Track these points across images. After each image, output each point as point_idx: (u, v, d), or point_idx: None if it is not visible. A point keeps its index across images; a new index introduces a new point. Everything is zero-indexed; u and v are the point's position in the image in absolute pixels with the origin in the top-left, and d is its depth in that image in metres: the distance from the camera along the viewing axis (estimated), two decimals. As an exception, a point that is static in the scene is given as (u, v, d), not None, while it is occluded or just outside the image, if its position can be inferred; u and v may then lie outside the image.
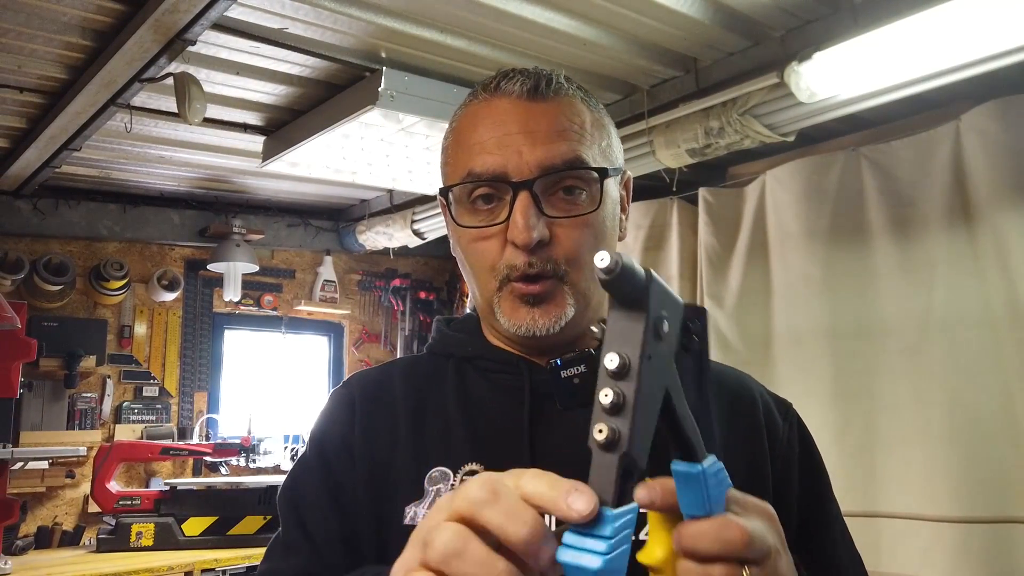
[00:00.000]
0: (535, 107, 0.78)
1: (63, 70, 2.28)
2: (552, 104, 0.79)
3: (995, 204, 2.19)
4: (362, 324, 4.50)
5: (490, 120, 0.79)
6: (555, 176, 0.76)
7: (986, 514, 2.14)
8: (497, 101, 0.80)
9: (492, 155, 0.77)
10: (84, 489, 3.44)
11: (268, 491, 3.20)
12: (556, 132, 0.77)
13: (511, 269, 0.77)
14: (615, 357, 0.45)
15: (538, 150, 0.76)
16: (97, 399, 3.57)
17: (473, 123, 0.80)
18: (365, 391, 0.86)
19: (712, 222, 2.93)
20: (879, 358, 2.44)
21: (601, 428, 0.44)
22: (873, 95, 2.11)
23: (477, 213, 0.79)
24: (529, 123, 0.77)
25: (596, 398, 0.45)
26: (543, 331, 0.77)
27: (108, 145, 2.98)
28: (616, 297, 0.47)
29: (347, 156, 2.80)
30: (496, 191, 0.77)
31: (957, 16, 1.79)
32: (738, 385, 0.88)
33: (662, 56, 2.38)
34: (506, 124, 0.78)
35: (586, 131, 0.79)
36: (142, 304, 3.78)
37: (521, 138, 0.76)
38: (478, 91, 0.82)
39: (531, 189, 0.75)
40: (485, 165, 0.77)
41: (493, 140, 0.77)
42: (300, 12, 2.04)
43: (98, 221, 3.63)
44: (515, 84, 0.79)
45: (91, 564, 2.83)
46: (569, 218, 0.77)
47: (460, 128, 0.83)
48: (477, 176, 0.77)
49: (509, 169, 0.76)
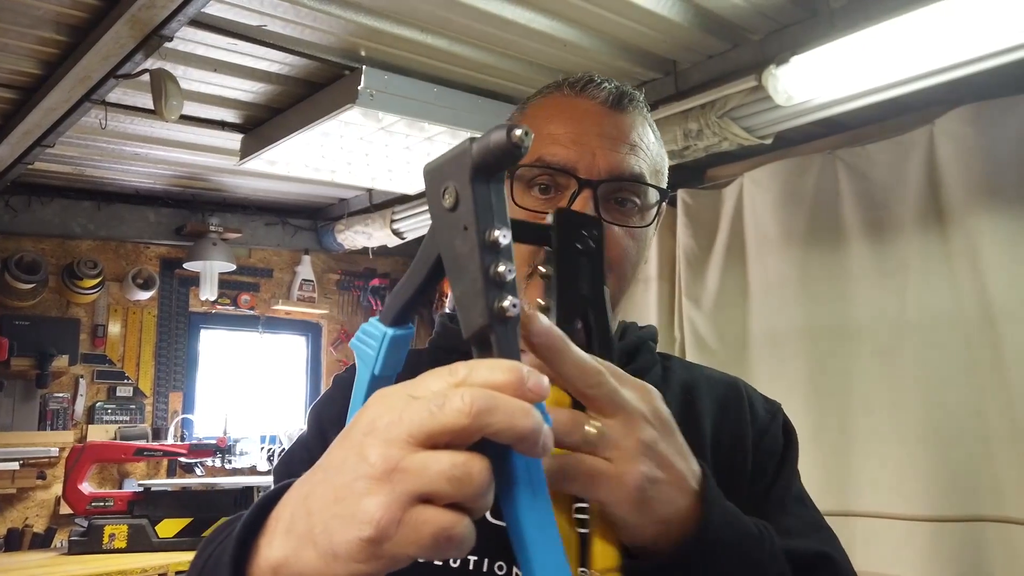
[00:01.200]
0: (615, 116, 0.81)
1: (37, 65, 2.24)
2: (629, 117, 0.82)
3: (967, 207, 2.22)
4: (341, 324, 4.47)
5: (569, 116, 0.81)
6: (619, 184, 0.79)
7: (957, 513, 2.17)
8: (580, 101, 0.82)
9: (566, 148, 0.79)
10: (56, 490, 3.39)
11: (244, 492, 3.17)
12: (629, 145, 0.80)
13: None
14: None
15: (611, 156, 0.78)
16: (70, 399, 3.52)
17: (550, 114, 0.82)
18: None
19: (690, 223, 2.95)
20: (854, 358, 2.47)
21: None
22: (849, 99, 2.14)
23: (534, 199, 0.80)
24: (608, 129, 0.80)
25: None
26: None
27: (82, 142, 2.94)
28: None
29: (326, 155, 2.79)
30: (560, 183, 0.79)
31: (932, 22, 1.81)
32: (727, 388, 0.89)
33: (642, 58, 2.39)
34: (585, 124, 0.80)
35: (652, 151, 0.83)
36: (116, 303, 3.73)
37: (597, 141, 0.79)
38: (562, 86, 0.84)
39: (596, 189, 0.77)
40: (557, 156, 0.79)
41: (569, 136, 0.80)
42: (279, 9, 2.03)
43: (72, 219, 3.58)
44: (601, 91, 0.82)
45: (63, 566, 2.79)
46: (622, 227, 0.80)
47: (535, 116, 0.84)
48: (547, 163, 0.79)
49: (580, 165, 0.78)
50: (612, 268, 0.79)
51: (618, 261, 0.80)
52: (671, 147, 2.47)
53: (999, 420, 2.12)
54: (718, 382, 0.90)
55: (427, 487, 0.41)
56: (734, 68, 2.29)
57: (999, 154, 2.18)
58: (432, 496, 0.41)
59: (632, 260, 0.82)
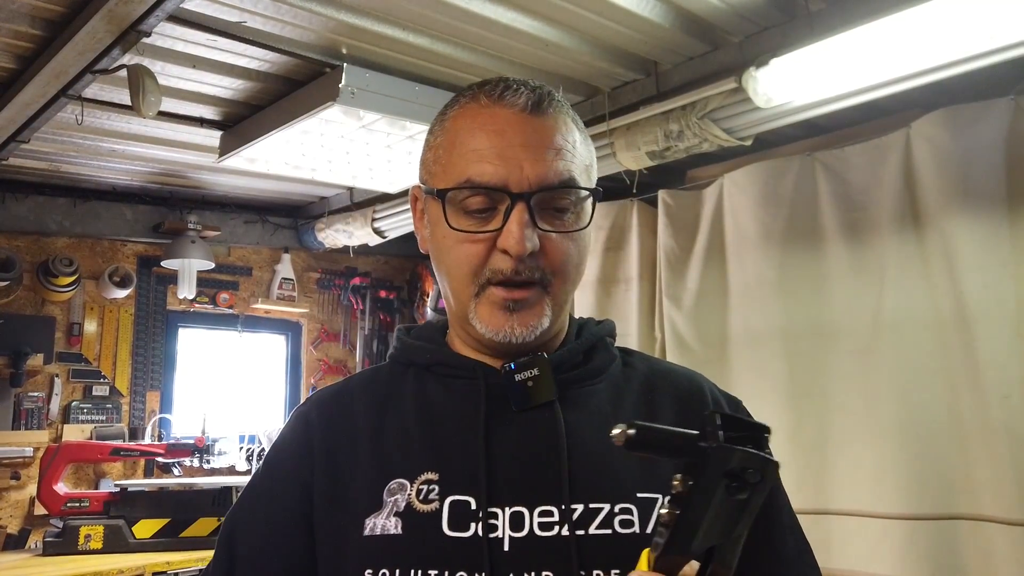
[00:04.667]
0: (536, 122, 0.80)
1: (11, 59, 2.21)
2: (551, 120, 0.82)
3: (942, 209, 2.25)
4: (321, 323, 4.45)
5: (491, 129, 0.80)
6: (550, 193, 0.79)
7: (932, 511, 2.20)
8: (499, 110, 0.81)
9: (493, 165, 0.79)
10: (30, 491, 3.34)
11: (222, 492, 3.15)
12: (554, 150, 0.80)
13: (495, 274, 0.79)
14: None
15: (538, 165, 0.79)
16: (44, 398, 3.47)
17: (472, 128, 0.82)
18: (323, 409, 0.87)
19: (671, 224, 2.96)
20: (831, 358, 2.50)
21: None
22: (828, 101, 2.16)
23: (469, 218, 0.80)
24: (531, 137, 0.80)
25: None
26: (519, 339, 0.80)
27: (58, 137, 2.90)
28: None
29: (306, 153, 2.77)
30: (492, 201, 0.79)
31: (909, 26, 1.84)
32: (689, 382, 0.91)
33: (623, 59, 2.40)
34: (507, 135, 0.79)
35: (577, 151, 0.82)
36: (92, 301, 3.69)
37: (522, 152, 0.79)
38: (478, 95, 0.83)
39: (528, 202, 0.78)
40: (485, 175, 0.79)
41: (494, 151, 0.79)
42: (259, 6, 2.01)
43: (47, 215, 3.53)
44: (519, 97, 0.81)
45: (38, 568, 2.75)
46: (560, 233, 0.80)
47: (456, 129, 0.83)
48: (476, 184, 0.79)
49: (510, 181, 0.78)
50: (556, 275, 0.81)
51: (561, 265, 0.81)
52: (652, 148, 2.48)
53: (973, 419, 2.15)
54: (680, 376, 0.91)
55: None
56: (714, 70, 2.31)
57: (974, 157, 2.21)
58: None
59: (575, 262, 0.83)
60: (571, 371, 0.85)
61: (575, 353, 0.86)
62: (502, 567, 0.72)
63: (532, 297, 0.80)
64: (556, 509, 0.75)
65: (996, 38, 1.77)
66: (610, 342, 0.91)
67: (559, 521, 0.74)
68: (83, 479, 3.55)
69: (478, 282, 0.80)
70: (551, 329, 0.83)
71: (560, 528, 0.74)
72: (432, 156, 0.86)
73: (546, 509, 0.75)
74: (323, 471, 0.81)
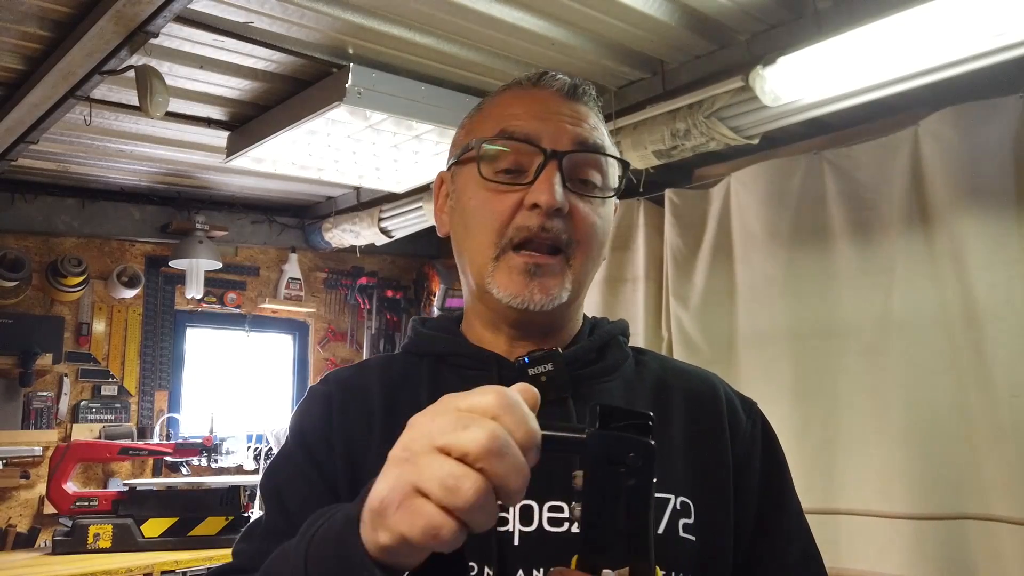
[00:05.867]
0: (572, 104, 0.83)
1: (20, 60, 2.22)
2: (585, 107, 0.84)
3: (951, 208, 2.24)
4: (328, 322, 4.46)
5: (529, 101, 0.83)
6: (584, 156, 0.80)
7: (940, 511, 2.19)
8: (538, 92, 0.84)
9: (529, 121, 0.80)
10: (40, 490, 3.36)
11: (230, 491, 3.16)
12: (589, 125, 0.82)
13: (519, 231, 0.78)
14: None
15: (575, 129, 0.80)
16: (53, 398, 3.49)
17: (509, 102, 0.84)
18: (342, 388, 0.86)
19: (678, 223, 2.96)
20: (839, 358, 2.49)
21: None
22: (835, 99, 2.15)
23: (499, 176, 0.80)
24: (567, 111, 0.82)
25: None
26: (538, 306, 0.79)
27: (67, 138, 2.92)
28: None
29: (313, 153, 2.78)
30: (523, 163, 0.79)
31: (917, 24, 1.83)
32: (702, 382, 0.89)
33: (629, 57, 2.39)
34: (546, 105, 0.82)
35: (606, 139, 0.85)
36: (101, 301, 3.70)
37: (557, 117, 0.81)
38: (518, 81, 0.86)
39: (561, 160, 0.78)
40: (521, 128, 0.80)
41: (530, 112, 0.81)
42: (266, 6, 2.02)
43: (56, 216, 3.55)
44: (557, 81, 0.84)
45: (47, 566, 2.76)
46: (588, 200, 0.81)
47: (491, 111, 0.85)
48: (511, 135, 0.79)
49: (544, 136, 0.79)
50: (579, 245, 0.80)
51: (586, 239, 0.80)
52: (659, 146, 2.48)
53: (982, 419, 2.14)
54: (693, 376, 0.90)
55: (421, 483, 0.47)
56: (721, 68, 2.30)
57: (982, 155, 2.19)
58: (426, 493, 0.46)
59: (599, 239, 0.82)
60: (585, 367, 0.84)
61: (589, 349, 0.85)
62: (511, 561, 0.72)
63: (555, 265, 0.79)
64: (566, 505, 0.75)
65: (1003, 36, 1.76)
66: (623, 340, 0.91)
67: (569, 518, 0.74)
68: (92, 478, 3.57)
69: (500, 243, 0.79)
70: (567, 310, 0.82)
71: (570, 525, 0.74)
72: (463, 132, 0.87)
73: (556, 504, 0.75)
74: (339, 451, 0.81)
